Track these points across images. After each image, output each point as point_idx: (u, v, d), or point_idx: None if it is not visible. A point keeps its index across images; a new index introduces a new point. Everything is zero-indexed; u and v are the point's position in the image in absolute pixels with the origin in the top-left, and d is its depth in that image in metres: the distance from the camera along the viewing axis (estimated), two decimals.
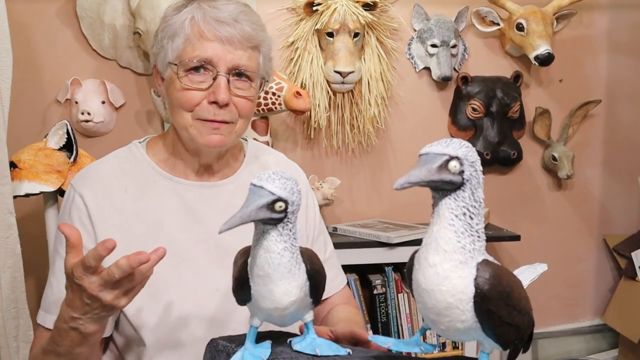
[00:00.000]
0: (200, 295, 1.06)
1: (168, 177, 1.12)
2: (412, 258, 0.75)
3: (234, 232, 0.79)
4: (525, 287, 0.79)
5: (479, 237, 0.70)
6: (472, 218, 0.69)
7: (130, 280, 0.83)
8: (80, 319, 0.87)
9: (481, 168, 0.70)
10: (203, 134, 1.05)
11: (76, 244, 0.84)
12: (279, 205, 0.74)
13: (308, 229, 1.23)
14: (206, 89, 1.04)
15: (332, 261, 1.28)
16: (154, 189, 1.10)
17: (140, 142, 1.17)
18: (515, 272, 0.84)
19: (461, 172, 0.68)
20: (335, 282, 1.26)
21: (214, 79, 1.03)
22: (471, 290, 0.68)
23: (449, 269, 0.68)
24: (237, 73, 1.05)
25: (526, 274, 0.87)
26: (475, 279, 0.68)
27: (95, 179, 1.09)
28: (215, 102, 1.03)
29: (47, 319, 1.05)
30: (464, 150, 0.68)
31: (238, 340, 0.86)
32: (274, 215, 0.74)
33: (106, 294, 0.83)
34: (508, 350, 0.77)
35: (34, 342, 1.06)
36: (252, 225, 0.77)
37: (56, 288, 1.05)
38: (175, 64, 1.04)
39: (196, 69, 1.03)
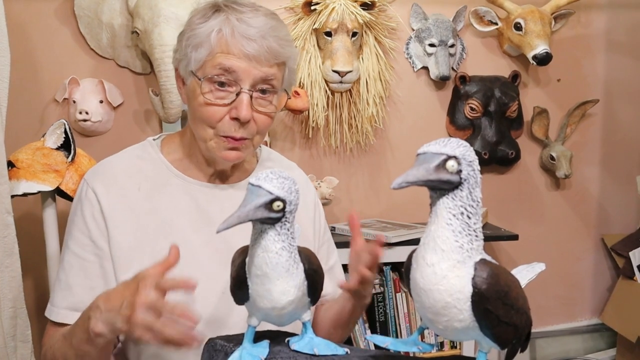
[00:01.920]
0: (207, 295, 1.06)
1: (181, 177, 1.12)
2: (410, 257, 0.75)
3: (244, 234, 0.78)
4: (523, 287, 0.79)
5: (476, 236, 0.70)
6: (469, 217, 0.69)
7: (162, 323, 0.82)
8: (99, 310, 0.87)
9: (479, 167, 0.70)
10: (221, 149, 1.06)
11: (172, 263, 0.85)
12: (277, 205, 0.74)
13: (315, 239, 1.23)
14: (228, 105, 1.03)
15: (335, 271, 1.27)
16: (166, 187, 1.11)
17: (154, 140, 1.17)
18: (513, 272, 0.84)
19: (459, 172, 0.68)
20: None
21: (237, 94, 1.02)
22: (469, 290, 0.68)
23: (446, 269, 0.68)
24: (261, 90, 1.04)
25: (524, 274, 0.87)
26: (473, 278, 0.68)
27: (108, 175, 1.10)
28: (236, 119, 1.03)
29: (56, 312, 1.05)
30: (462, 150, 0.68)
31: (236, 340, 0.86)
32: (271, 215, 0.74)
33: (142, 312, 0.81)
34: (506, 350, 0.77)
35: (46, 337, 1.07)
36: None
37: (64, 283, 1.05)
38: (199, 78, 1.03)
39: (220, 84, 1.02)
